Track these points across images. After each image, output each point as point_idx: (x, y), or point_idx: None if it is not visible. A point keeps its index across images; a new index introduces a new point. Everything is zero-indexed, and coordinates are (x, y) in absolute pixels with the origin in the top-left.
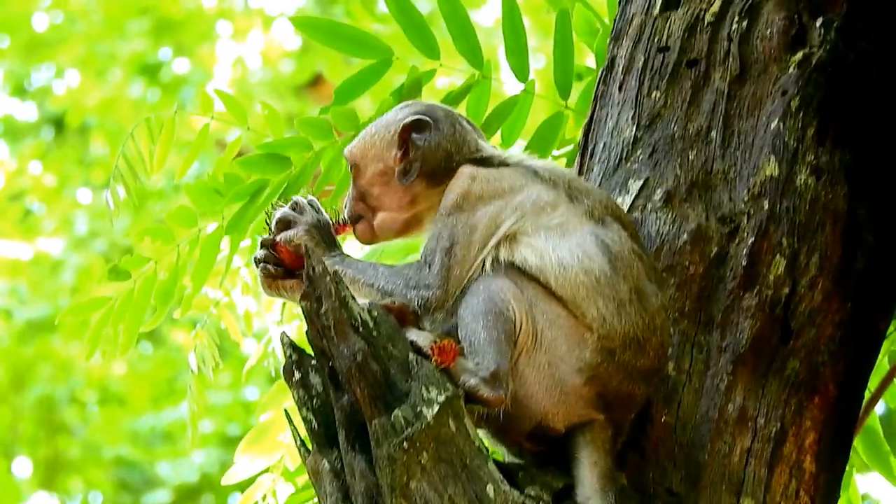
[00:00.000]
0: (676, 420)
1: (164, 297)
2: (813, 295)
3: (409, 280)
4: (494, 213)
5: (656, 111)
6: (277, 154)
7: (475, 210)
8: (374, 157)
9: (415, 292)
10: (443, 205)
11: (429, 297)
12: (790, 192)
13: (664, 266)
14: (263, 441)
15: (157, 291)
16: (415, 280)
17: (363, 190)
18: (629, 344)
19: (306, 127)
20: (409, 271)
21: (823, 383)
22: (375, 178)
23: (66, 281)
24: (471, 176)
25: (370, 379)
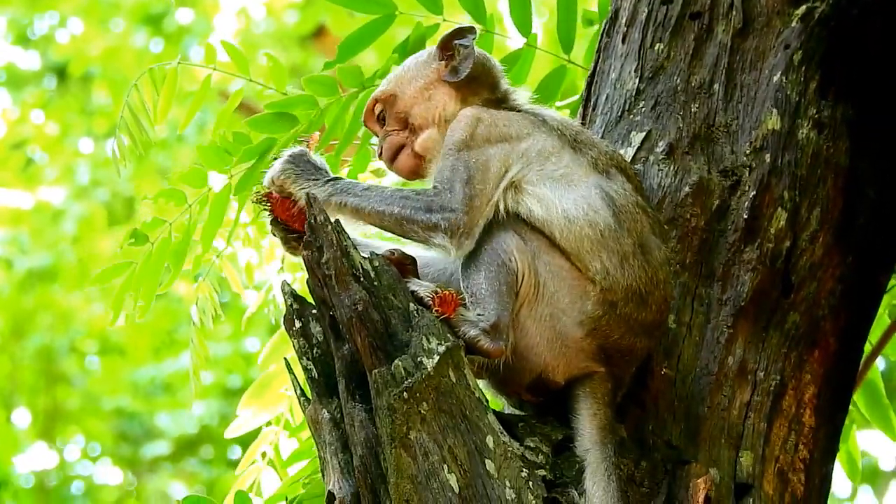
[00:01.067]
0: (676, 373)
1: (178, 257)
2: (814, 249)
3: (431, 203)
4: (503, 156)
5: (659, 63)
6: (285, 112)
7: (483, 150)
8: (413, 78)
9: (439, 216)
10: (450, 140)
11: (456, 220)
12: (792, 145)
13: (666, 218)
14: (266, 394)
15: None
16: (438, 203)
17: (402, 115)
18: (631, 297)
19: (312, 84)
20: (425, 196)
21: (823, 337)
22: (417, 96)
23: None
24: (476, 117)
25: (371, 328)
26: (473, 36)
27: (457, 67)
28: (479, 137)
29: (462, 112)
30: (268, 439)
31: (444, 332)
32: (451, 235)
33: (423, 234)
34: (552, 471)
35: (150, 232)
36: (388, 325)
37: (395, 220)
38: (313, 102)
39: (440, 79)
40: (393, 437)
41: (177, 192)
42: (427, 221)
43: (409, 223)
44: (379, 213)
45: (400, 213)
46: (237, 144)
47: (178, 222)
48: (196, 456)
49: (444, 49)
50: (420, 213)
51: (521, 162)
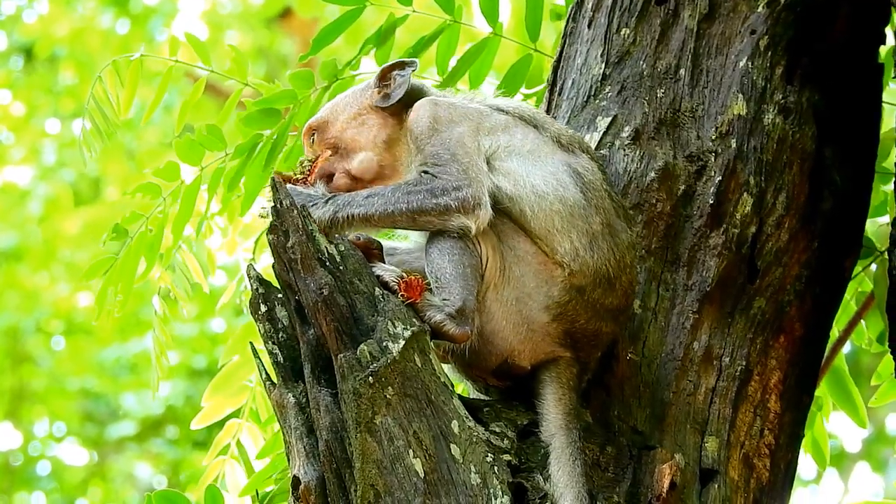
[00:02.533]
0: (642, 358)
1: (152, 250)
2: (779, 234)
3: (434, 189)
4: (471, 132)
5: (625, 48)
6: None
7: (451, 129)
8: (347, 105)
9: (446, 197)
10: (417, 131)
11: (465, 195)
12: (758, 130)
13: (631, 204)
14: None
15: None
16: (440, 186)
17: (333, 142)
18: (599, 281)
19: (294, 79)
20: (426, 184)
21: (789, 322)
22: (348, 123)
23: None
24: (432, 102)
25: (336, 313)
26: (413, 69)
27: (389, 94)
28: (442, 120)
29: (417, 105)
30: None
31: (409, 317)
32: (467, 212)
33: (440, 221)
34: (517, 455)
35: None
36: (354, 310)
37: (407, 217)
38: (294, 96)
39: (372, 105)
40: (358, 422)
41: (153, 186)
42: (438, 207)
43: (421, 215)
44: (389, 216)
45: (409, 209)
46: (211, 138)
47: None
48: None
49: (382, 79)
50: (428, 201)
51: (489, 138)
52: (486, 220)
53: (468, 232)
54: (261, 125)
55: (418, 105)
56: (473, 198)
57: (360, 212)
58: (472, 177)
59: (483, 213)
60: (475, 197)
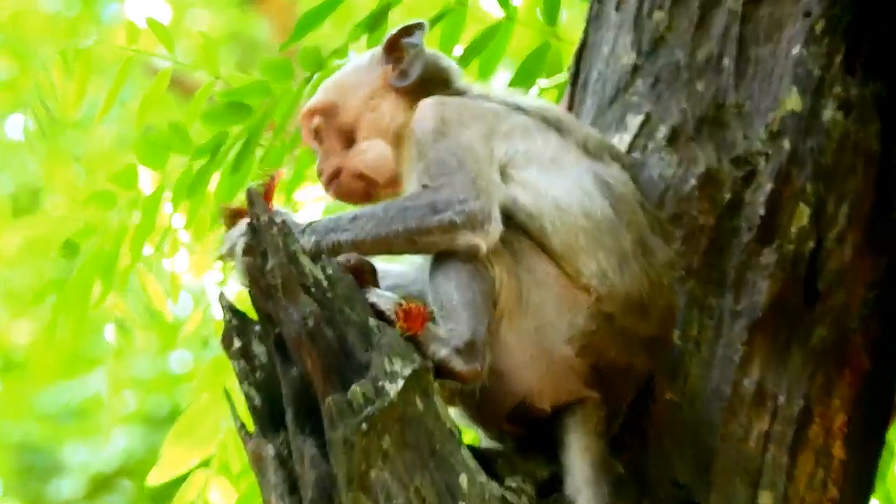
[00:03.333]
0: (683, 398)
1: (108, 270)
2: (842, 250)
3: (435, 203)
4: (483, 136)
5: (659, 34)
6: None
7: (459, 133)
8: (356, 85)
9: (450, 212)
10: (420, 134)
11: (471, 209)
12: (815, 129)
13: (669, 215)
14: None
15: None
16: (442, 200)
17: (345, 130)
18: (631, 307)
19: (269, 69)
20: (424, 198)
21: (855, 354)
22: (362, 106)
23: None
24: (439, 101)
25: (323, 348)
26: (423, 32)
27: (405, 70)
28: (450, 121)
29: (421, 103)
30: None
31: (409, 352)
32: (475, 227)
33: (444, 240)
34: None
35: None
36: (344, 344)
37: (404, 240)
38: (268, 90)
39: (386, 84)
40: (350, 477)
41: (107, 194)
42: (441, 223)
43: (421, 235)
44: (383, 240)
45: (407, 229)
46: (176, 138)
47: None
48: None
49: (391, 50)
50: (428, 218)
51: (504, 143)
52: (496, 237)
53: (478, 251)
54: (228, 122)
55: (423, 104)
56: (482, 211)
57: (348, 238)
58: (481, 188)
59: (494, 229)
60: (483, 210)
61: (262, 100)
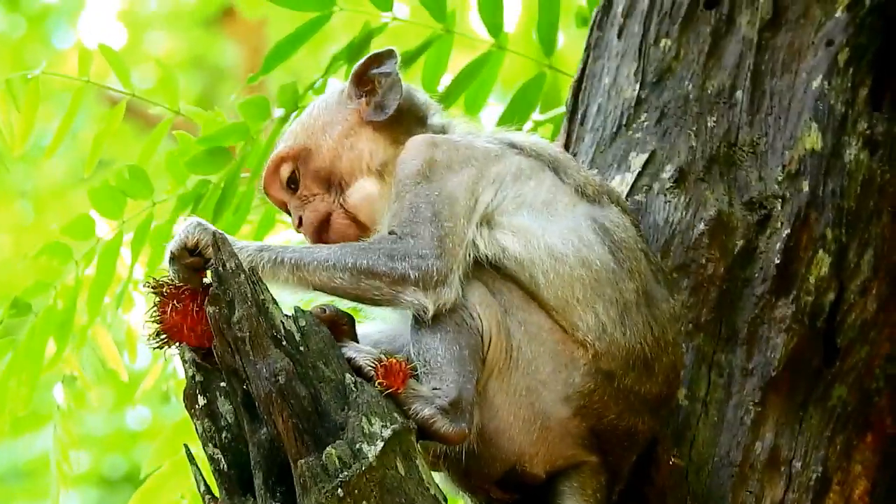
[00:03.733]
0: (689, 463)
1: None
2: (865, 303)
3: (393, 251)
4: (470, 183)
5: (666, 65)
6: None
7: (446, 179)
8: (327, 125)
9: (405, 264)
10: (402, 174)
11: (427, 268)
12: (836, 169)
13: (675, 264)
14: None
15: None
16: (401, 250)
17: (323, 173)
18: (633, 364)
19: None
20: (384, 244)
21: (878, 417)
22: (337, 146)
23: None
24: (430, 142)
25: (296, 406)
26: (394, 60)
27: (381, 103)
28: (438, 165)
29: (411, 140)
30: None
31: (389, 412)
32: (425, 287)
33: (389, 291)
34: None
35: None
36: (318, 403)
37: (350, 276)
38: (245, 131)
39: (361, 120)
40: None
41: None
42: (392, 273)
43: (368, 278)
44: (327, 269)
45: (355, 266)
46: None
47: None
48: None
49: (361, 83)
50: (381, 263)
51: (493, 188)
52: (448, 303)
53: (424, 312)
54: (206, 168)
55: (413, 142)
56: (438, 272)
57: (293, 257)
58: (446, 248)
59: (446, 295)
60: (441, 273)
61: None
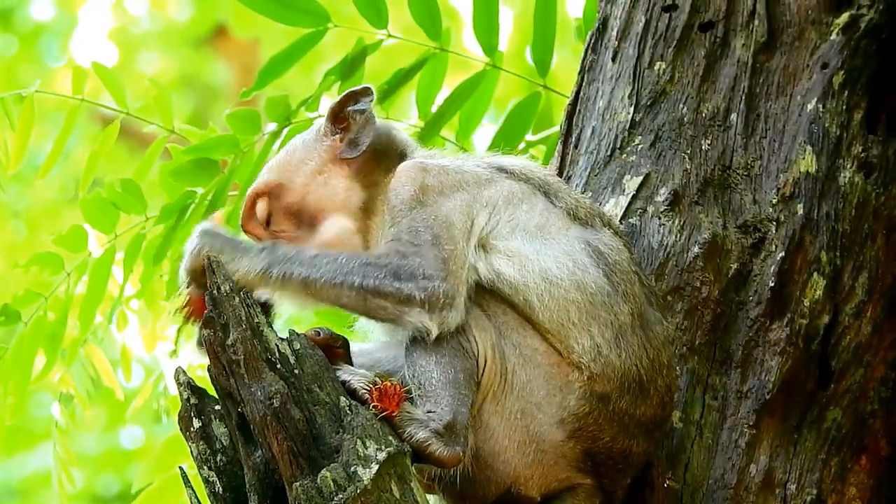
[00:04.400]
0: (683, 485)
1: (54, 340)
2: (859, 325)
3: (399, 270)
4: (464, 207)
5: (660, 87)
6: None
7: (439, 204)
8: (301, 161)
9: (412, 285)
10: (396, 200)
11: (434, 289)
12: (831, 192)
13: (669, 287)
14: None
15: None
16: (408, 269)
17: (294, 209)
18: (629, 387)
19: (236, 121)
20: (392, 261)
21: (873, 439)
22: (310, 182)
23: None
24: (420, 167)
25: (290, 429)
26: (370, 98)
27: (355, 139)
28: (430, 190)
29: (401, 167)
30: None
31: (384, 435)
32: (431, 309)
33: (394, 311)
34: None
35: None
36: (313, 426)
37: (357, 295)
38: (234, 143)
39: (336, 157)
40: None
41: (52, 256)
42: (399, 293)
43: (375, 297)
44: (335, 287)
45: (362, 285)
46: (127, 197)
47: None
48: None
49: (336, 121)
50: (388, 283)
51: (487, 211)
52: (452, 326)
53: (427, 334)
54: (194, 180)
55: (402, 169)
56: (445, 295)
57: (302, 273)
58: (451, 270)
59: (451, 318)
60: (447, 296)
61: (229, 155)
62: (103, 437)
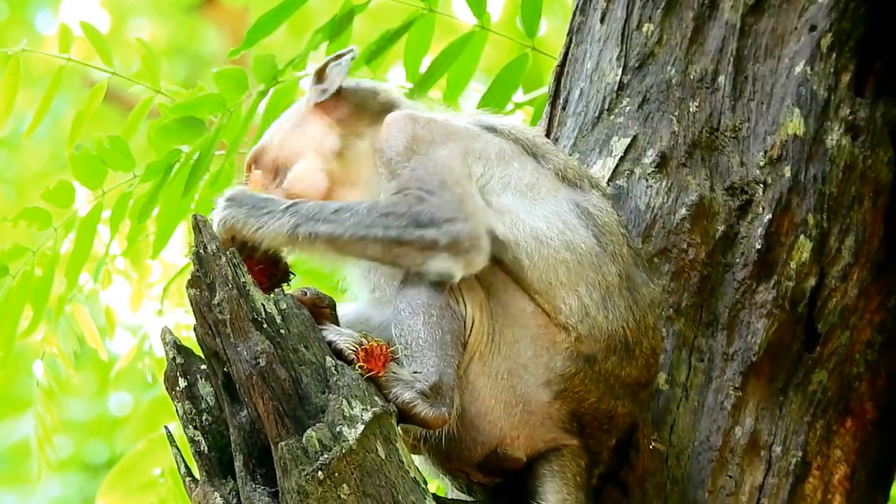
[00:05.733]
0: (669, 447)
1: (40, 296)
2: (846, 288)
3: (419, 216)
4: (459, 155)
5: (648, 50)
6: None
7: (432, 152)
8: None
9: (434, 230)
10: (390, 152)
11: (458, 231)
12: (818, 155)
13: (656, 249)
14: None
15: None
16: (427, 214)
17: (272, 165)
18: (615, 348)
19: (222, 79)
20: (409, 208)
21: (858, 402)
22: (290, 133)
23: None
24: (409, 117)
25: (276, 389)
26: (351, 55)
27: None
28: (422, 140)
29: (389, 117)
30: None
31: (370, 395)
32: (457, 252)
33: (420, 258)
34: None
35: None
36: (299, 385)
37: (381, 247)
38: (221, 103)
39: (311, 108)
40: None
41: (41, 212)
42: (422, 240)
43: (399, 246)
44: (360, 241)
45: (385, 236)
46: (116, 154)
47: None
48: None
49: (319, 79)
50: (410, 231)
51: (480, 164)
52: (477, 269)
53: (450, 279)
54: (179, 138)
55: (391, 120)
56: (469, 237)
57: (328, 230)
58: (469, 211)
59: (477, 260)
60: (472, 236)
61: (215, 114)
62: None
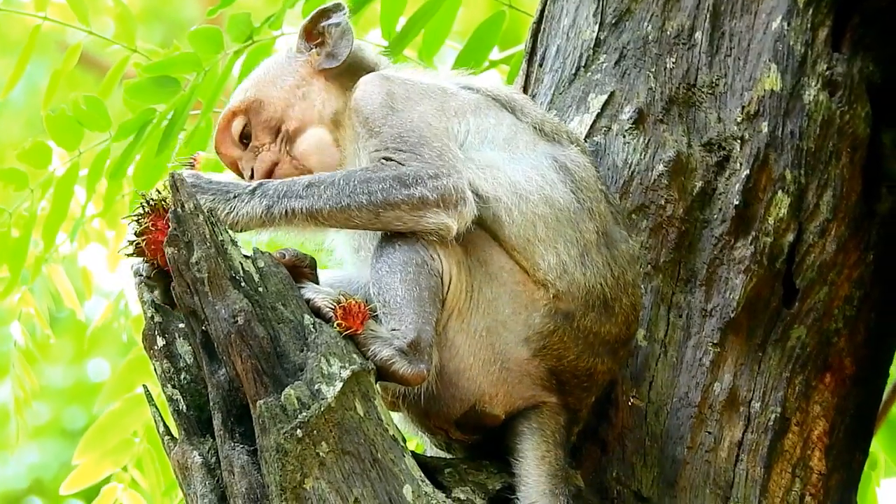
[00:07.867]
0: (648, 404)
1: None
2: (824, 244)
3: (403, 176)
4: (436, 112)
5: (625, 6)
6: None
7: (410, 109)
8: (278, 77)
9: (421, 188)
10: (366, 111)
11: (444, 185)
12: (796, 111)
13: (634, 206)
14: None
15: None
16: (411, 173)
17: (274, 123)
18: (593, 304)
19: (198, 40)
20: (390, 170)
21: (837, 358)
22: (289, 95)
23: None
24: (383, 77)
25: (254, 347)
26: (343, 11)
27: (333, 52)
28: (397, 97)
29: (362, 80)
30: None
31: (348, 353)
32: (447, 206)
33: (411, 218)
34: None
35: None
36: (277, 344)
37: (368, 212)
38: (196, 62)
39: (313, 71)
40: (283, 487)
41: (17, 173)
42: (411, 198)
43: (387, 209)
44: (343, 211)
45: (371, 201)
46: (92, 114)
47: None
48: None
49: (310, 37)
50: (396, 191)
51: (457, 120)
52: (469, 220)
53: (447, 234)
54: (154, 98)
55: (365, 81)
56: (455, 189)
57: (305, 205)
58: (450, 164)
59: (467, 211)
60: (457, 188)
61: (190, 73)
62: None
